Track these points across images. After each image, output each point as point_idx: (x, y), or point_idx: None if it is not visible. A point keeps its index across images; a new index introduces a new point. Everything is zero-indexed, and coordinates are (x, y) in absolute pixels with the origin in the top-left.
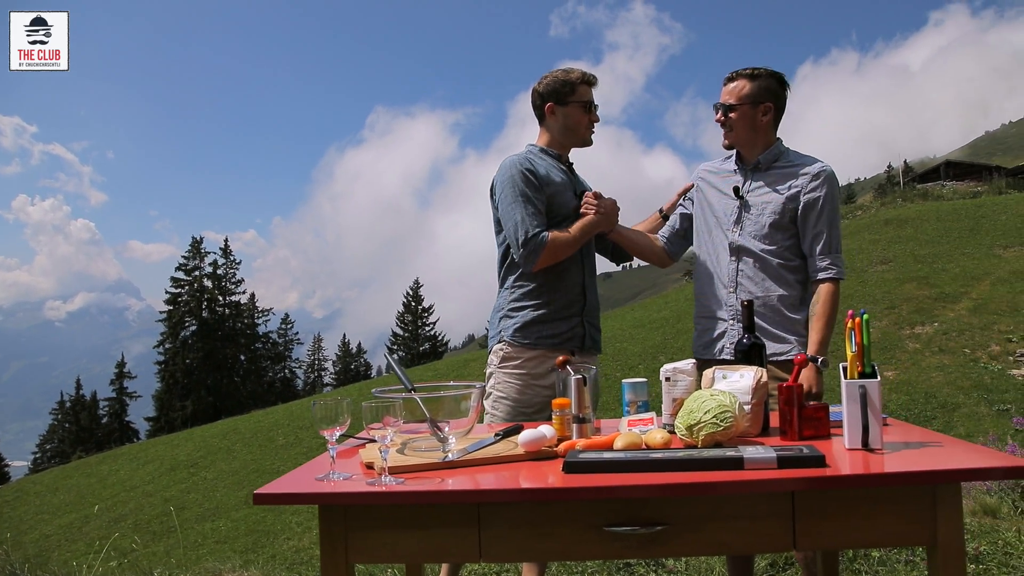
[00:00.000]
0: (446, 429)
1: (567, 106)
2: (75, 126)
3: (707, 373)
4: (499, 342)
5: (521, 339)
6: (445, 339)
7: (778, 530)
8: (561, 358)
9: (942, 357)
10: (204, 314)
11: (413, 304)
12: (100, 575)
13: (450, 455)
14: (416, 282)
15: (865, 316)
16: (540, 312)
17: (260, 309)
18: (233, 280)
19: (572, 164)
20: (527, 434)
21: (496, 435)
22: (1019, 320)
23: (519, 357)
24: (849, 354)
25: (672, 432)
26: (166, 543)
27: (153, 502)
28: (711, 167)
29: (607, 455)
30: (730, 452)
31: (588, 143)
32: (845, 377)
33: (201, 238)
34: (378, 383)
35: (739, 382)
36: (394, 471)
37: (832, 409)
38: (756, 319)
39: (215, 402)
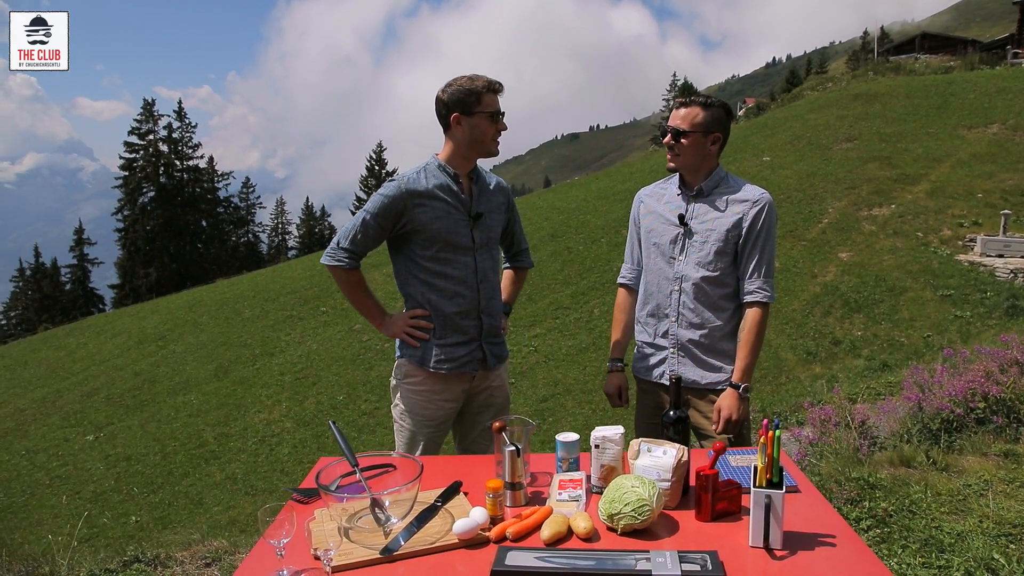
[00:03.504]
0: (387, 504)
1: (473, 116)
2: None
3: (633, 444)
4: (401, 357)
5: (419, 363)
6: None
7: None
8: (497, 424)
9: (895, 240)
10: (162, 179)
11: (376, 168)
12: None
13: (391, 538)
14: (379, 145)
15: (778, 432)
16: (437, 341)
17: (220, 173)
18: (190, 144)
19: (477, 174)
20: (461, 524)
21: (436, 501)
22: (972, 205)
23: (419, 375)
24: (760, 465)
25: (600, 492)
26: (140, 417)
27: (124, 376)
28: (651, 192)
29: (531, 561)
30: (641, 562)
31: (493, 153)
32: (754, 484)
33: (153, 100)
34: None
35: (662, 458)
36: (337, 570)
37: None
38: (693, 349)
39: (179, 269)
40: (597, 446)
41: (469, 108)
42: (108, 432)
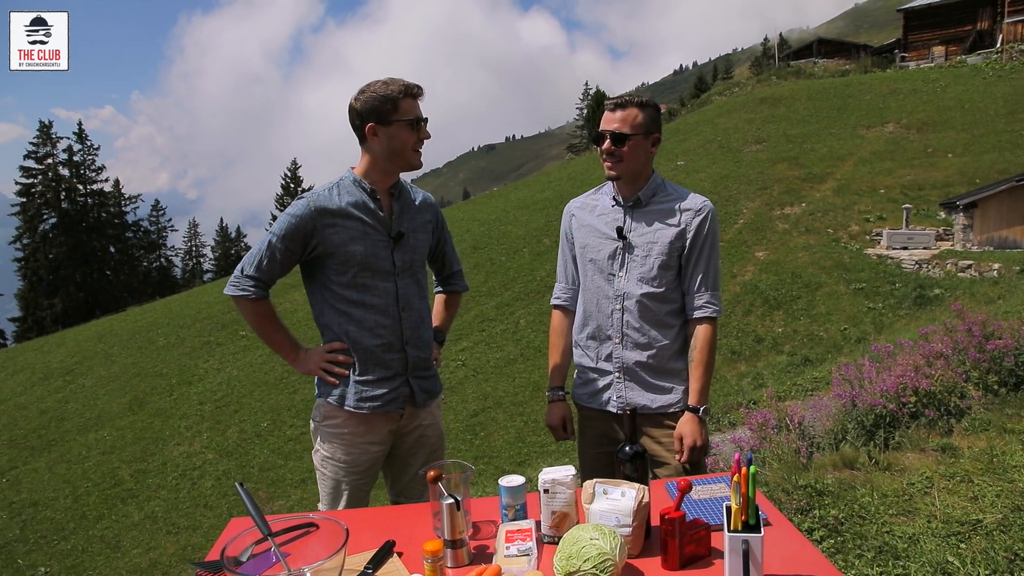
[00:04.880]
0: None
1: (391, 126)
2: None
3: (587, 486)
4: (319, 396)
5: (339, 402)
6: None
7: None
8: (432, 473)
9: (808, 237)
10: (64, 205)
11: (292, 186)
12: None
13: None
14: (294, 162)
15: (752, 468)
16: (357, 377)
17: (127, 196)
18: (93, 167)
19: (400, 190)
20: None
21: (367, 568)
22: (876, 200)
23: (339, 417)
24: (734, 507)
25: (553, 542)
26: (47, 458)
27: (28, 415)
28: (582, 204)
29: None
30: None
31: (416, 166)
32: (729, 527)
33: (51, 122)
34: None
35: (620, 501)
36: None
37: (720, 474)
38: (640, 371)
39: (87, 298)
40: (546, 491)
41: (385, 117)
42: (11, 477)
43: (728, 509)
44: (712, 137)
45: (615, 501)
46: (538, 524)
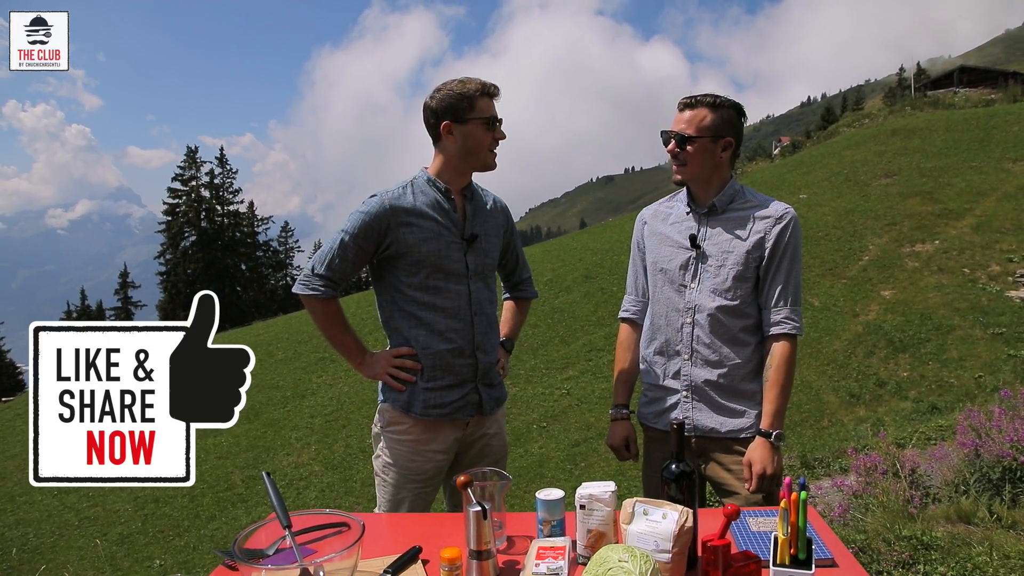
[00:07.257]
0: (321, 575)
1: (466, 124)
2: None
3: (626, 505)
4: (384, 401)
5: (405, 408)
6: None
7: None
8: (462, 478)
9: (940, 276)
10: (203, 224)
11: None
12: None
13: None
14: None
15: (803, 494)
16: (425, 383)
17: (260, 217)
18: (230, 190)
19: (472, 191)
20: None
21: (386, 571)
22: (1022, 239)
23: (404, 423)
24: (781, 537)
25: (583, 563)
26: None
27: None
28: (655, 212)
29: None
30: None
31: (491, 166)
32: (774, 560)
33: (196, 148)
34: None
35: (660, 524)
36: None
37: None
38: (709, 391)
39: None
40: (583, 507)
41: (462, 115)
42: None
43: (776, 540)
44: (838, 170)
45: (655, 523)
46: (574, 543)
